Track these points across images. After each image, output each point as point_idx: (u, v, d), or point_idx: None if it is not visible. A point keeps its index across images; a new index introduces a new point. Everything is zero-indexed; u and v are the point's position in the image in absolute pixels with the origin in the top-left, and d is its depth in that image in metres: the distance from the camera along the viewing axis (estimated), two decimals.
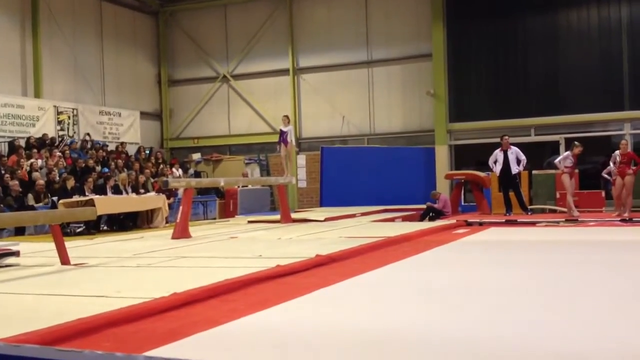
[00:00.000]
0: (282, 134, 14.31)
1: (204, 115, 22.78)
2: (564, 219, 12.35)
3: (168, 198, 14.76)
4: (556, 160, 13.32)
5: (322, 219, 13.44)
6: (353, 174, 18.96)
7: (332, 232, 10.44)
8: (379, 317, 4.17)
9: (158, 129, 23.33)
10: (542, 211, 15.16)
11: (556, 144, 18.50)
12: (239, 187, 18.83)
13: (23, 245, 8.36)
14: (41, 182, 13.96)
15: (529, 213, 13.71)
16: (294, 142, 15.19)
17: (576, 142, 13.04)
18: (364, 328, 3.84)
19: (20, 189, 13.37)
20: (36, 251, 8.58)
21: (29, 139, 16.84)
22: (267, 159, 21.92)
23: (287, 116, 14.98)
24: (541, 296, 4.79)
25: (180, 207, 10.73)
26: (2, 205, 12.68)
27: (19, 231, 12.35)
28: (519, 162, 13.63)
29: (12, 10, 17.91)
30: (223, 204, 18.81)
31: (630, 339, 3.47)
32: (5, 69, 17.64)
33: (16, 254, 7.42)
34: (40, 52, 18.25)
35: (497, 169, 13.75)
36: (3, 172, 14.15)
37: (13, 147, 16.16)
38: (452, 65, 19.30)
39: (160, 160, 20.03)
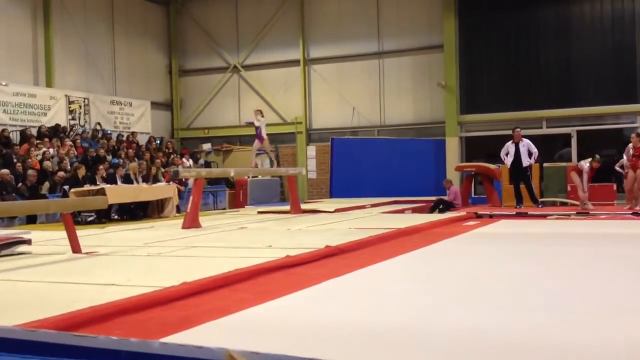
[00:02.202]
0: (256, 129, 13.66)
1: (215, 105, 22.80)
2: (575, 212, 12.30)
3: (180, 186, 14.80)
4: (580, 164, 13.20)
5: (332, 210, 13.45)
6: (363, 165, 18.93)
7: (341, 223, 10.45)
8: (388, 309, 4.18)
9: (169, 118, 23.38)
10: (553, 204, 15.10)
11: (568, 136, 18.40)
12: (248, 177, 18.86)
13: (35, 234, 8.44)
14: (61, 174, 14.05)
15: (540, 206, 13.66)
16: (265, 136, 14.02)
17: (597, 156, 12.98)
18: (372, 319, 3.85)
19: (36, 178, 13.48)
20: (48, 239, 8.64)
21: (40, 128, 16.93)
22: (277, 150, 21.92)
23: (259, 110, 14.22)
24: (550, 289, 4.78)
25: (191, 197, 10.76)
26: (14, 194, 12.77)
27: (31, 219, 12.45)
28: (530, 154, 13.56)
29: (24, 1, 17.96)
30: (233, 194, 18.86)
31: (638, 333, 3.46)
32: (17, 58, 17.72)
33: (28, 242, 7.48)
34: (52, 42, 18.31)
35: (509, 161, 13.68)
36: (15, 160, 14.25)
37: (25, 136, 16.25)
38: (464, 56, 19.20)
39: (170, 150, 20.09)
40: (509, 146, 13.72)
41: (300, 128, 21.50)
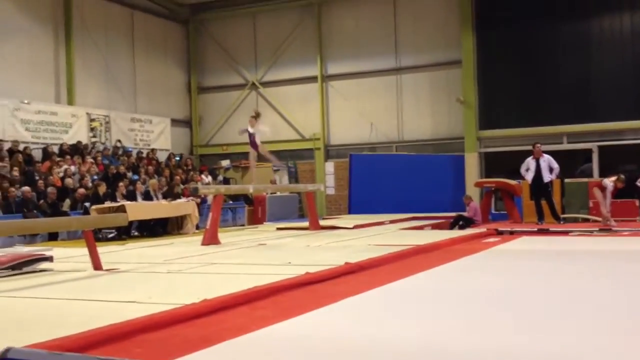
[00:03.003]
0: (249, 135, 12.67)
1: (233, 122, 22.89)
2: (597, 228, 12.14)
3: (199, 204, 14.86)
4: (604, 181, 13.03)
5: (351, 226, 13.41)
6: (382, 181, 18.88)
7: (360, 239, 10.41)
8: (408, 327, 4.13)
9: (188, 135, 23.55)
10: (575, 220, 14.93)
11: (589, 152, 18.22)
12: (267, 193, 18.89)
13: (56, 251, 8.49)
14: (82, 190, 14.18)
15: (561, 222, 13.51)
16: (259, 142, 12.89)
17: (622, 176, 12.81)
18: (393, 338, 3.81)
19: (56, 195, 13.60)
20: (69, 256, 8.70)
21: (62, 145, 17.12)
22: (295, 166, 21.96)
23: (254, 116, 12.94)
24: (572, 308, 4.70)
25: (210, 214, 10.79)
26: (35, 211, 12.90)
27: (53, 236, 12.55)
28: (551, 170, 13.41)
29: (45, 20, 18.25)
30: (252, 210, 18.88)
31: None
32: (39, 76, 17.97)
33: (49, 259, 7.54)
34: (73, 60, 18.57)
35: (529, 177, 13.51)
36: (37, 178, 14.41)
37: (47, 153, 16.44)
38: (482, 72, 19.14)
39: (189, 167, 20.20)
40: (530, 162, 13.57)
41: (319, 144, 21.53)
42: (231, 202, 18.04)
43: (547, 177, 13.37)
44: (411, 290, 5.75)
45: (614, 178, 12.77)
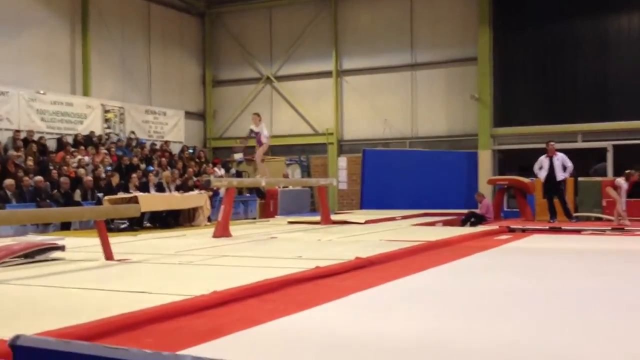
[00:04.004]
0: (255, 134, 12.96)
1: (247, 116, 22.86)
2: (610, 227, 12.06)
3: (211, 197, 14.91)
4: (617, 181, 12.94)
5: (363, 221, 13.39)
6: (394, 177, 18.84)
7: (372, 234, 10.40)
8: (418, 322, 4.13)
9: (202, 128, 23.63)
10: (588, 219, 14.84)
11: (603, 150, 18.09)
12: (279, 187, 18.92)
13: (68, 240, 8.58)
14: (89, 178, 14.28)
15: (574, 220, 13.43)
16: (267, 140, 13.31)
17: (628, 171, 12.70)
18: (402, 333, 3.82)
19: (69, 185, 13.69)
20: (81, 246, 8.77)
21: (76, 136, 17.24)
22: (308, 160, 21.97)
23: (257, 114, 13.46)
24: (582, 308, 4.68)
25: (222, 206, 10.82)
26: (49, 201, 13.00)
27: (65, 226, 12.65)
28: (564, 168, 13.34)
29: (62, 12, 18.36)
30: (263, 204, 18.92)
31: None
32: (56, 68, 18.10)
33: (62, 248, 7.60)
34: (89, 52, 18.68)
35: (542, 175, 13.46)
36: (51, 168, 14.52)
37: (61, 143, 16.56)
38: (498, 69, 19.04)
39: (203, 160, 20.27)
40: (543, 160, 13.51)
41: (332, 139, 21.52)
42: (244, 195, 18.09)
43: (560, 175, 13.31)
44: (421, 286, 5.75)
45: (624, 181, 12.69)
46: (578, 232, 11.77)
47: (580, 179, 15.50)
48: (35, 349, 2.40)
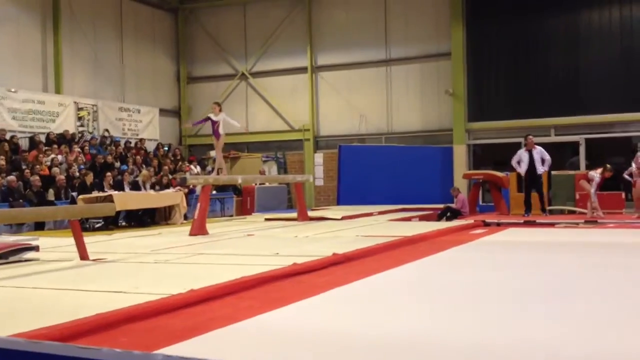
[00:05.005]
0: (213, 124, 12.04)
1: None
2: (583, 220, 12.24)
3: (187, 195, 14.81)
4: (590, 174, 13.06)
5: (339, 217, 13.43)
6: (371, 172, 18.92)
7: (349, 230, 10.43)
8: (395, 318, 4.15)
9: (177, 125, 23.45)
10: (562, 212, 15.03)
11: (576, 144, 18.33)
12: (256, 184, 18.87)
13: (42, 240, 8.46)
14: (62, 177, 14.10)
15: (546, 214, 13.58)
16: (222, 132, 12.26)
17: (609, 166, 12.84)
18: (379, 329, 3.83)
19: (41, 184, 13.50)
20: (55, 246, 8.67)
21: (49, 134, 17.00)
22: (284, 157, 21.95)
23: (217, 103, 12.65)
24: (556, 300, 4.74)
25: (198, 204, 10.76)
26: (22, 200, 12.82)
27: (39, 226, 12.49)
28: (543, 161, 13.44)
29: (33, 8, 18.08)
30: (240, 201, 18.86)
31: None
32: (27, 65, 17.82)
33: (35, 248, 7.51)
34: (60, 49, 18.42)
35: (522, 169, 13.44)
36: (24, 167, 14.31)
37: (34, 142, 16.32)
38: (471, 64, 19.19)
39: (178, 157, 20.13)
40: (522, 154, 13.51)
41: (308, 135, 21.51)
42: (221, 192, 18.00)
43: (540, 168, 13.40)
44: (398, 281, 5.78)
45: (600, 170, 12.85)
46: (552, 225, 11.92)
47: (553, 172, 15.70)
48: (6, 350, 2.36)
